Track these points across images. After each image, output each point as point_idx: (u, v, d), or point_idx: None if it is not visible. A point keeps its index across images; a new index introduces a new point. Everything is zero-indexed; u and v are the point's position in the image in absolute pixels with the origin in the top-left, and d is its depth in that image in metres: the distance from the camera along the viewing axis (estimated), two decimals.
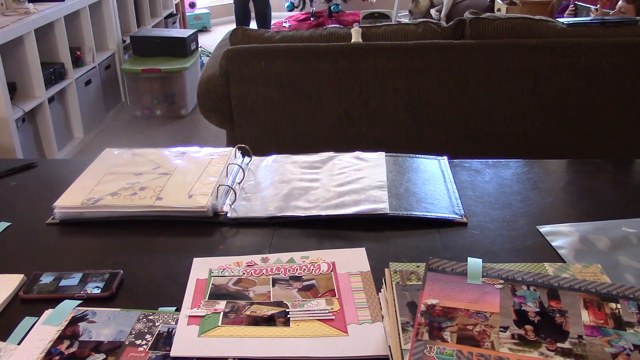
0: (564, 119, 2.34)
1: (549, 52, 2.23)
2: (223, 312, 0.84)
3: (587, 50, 2.23)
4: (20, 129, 2.98)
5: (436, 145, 2.37)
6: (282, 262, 0.96)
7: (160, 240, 1.07)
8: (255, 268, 0.95)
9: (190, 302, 0.87)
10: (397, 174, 1.22)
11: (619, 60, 2.25)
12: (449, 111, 2.32)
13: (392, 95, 2.30)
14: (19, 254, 1.02)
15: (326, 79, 2.27)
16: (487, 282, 0.79)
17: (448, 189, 1.17)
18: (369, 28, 2.38)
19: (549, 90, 2.29)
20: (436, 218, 1.07)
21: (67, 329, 0.82)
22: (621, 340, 0.70)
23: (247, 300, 0.87)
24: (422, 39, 2.31)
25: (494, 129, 2.36)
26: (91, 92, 3.74)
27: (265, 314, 0.84)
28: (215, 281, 0.92)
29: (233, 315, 0.84)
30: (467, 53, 2.25)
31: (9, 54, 2.94)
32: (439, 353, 0.68)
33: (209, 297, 0.88)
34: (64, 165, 1.47)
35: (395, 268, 0.85)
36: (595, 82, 2.27)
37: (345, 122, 2.35)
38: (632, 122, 2.35)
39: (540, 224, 1.05)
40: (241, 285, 0.91)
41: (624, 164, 1.33)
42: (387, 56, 2.25)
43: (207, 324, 0.82)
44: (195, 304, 0.86)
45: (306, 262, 0.96)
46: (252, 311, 0.84)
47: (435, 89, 2.29)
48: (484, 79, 2.28)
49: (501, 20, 2.31)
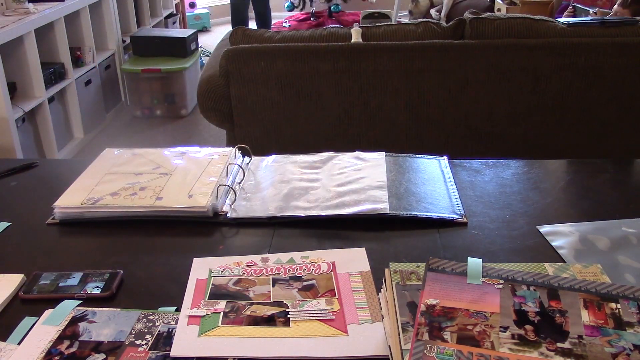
0: (564, 119, 2.34)
1: (549, 52, 2.23)
2: (223, 312, 0.84)
3: (587, 50, 2.23)
4: (20, 129, 2.98)
5: (436, 145, 2.37)
6: (282, 262, 0.96)
7: (160, 240, 1.07)
8: (255, 268, 0.95)
9: (190, 302, 0.87)
10: (397, 174, 1.22)
11: (619, 60, 2.25)
12: (448, 111, 2.32)
13: (392, 95, 2.30)
14: (19, 254, 1.02)
15: (326, 79, 2.27)
16: (487, 282, 0.79)
17: (448, 189, 1.17)
18: (369, 28, 2.38)
19: (549, 90, 2.29)
20: (436, 218, 1.07)
21: (67, 329, 0.82)
22: (621, 340, 0.70)
23: (247, 300, 0.87)
24: (422, 39, 2.31)
25: (494, 129, 2.36)
26: (91, 92, 3.74)
27: (265, 314, 0.84)
28: (215, 281, 0.92)
29: (233, 315, 0.84)
30: (467, 53, 2.25)
31: (9, 54, 2.94)
32: (439, 353, 0.68)
33: (209, 297, 0.88)
34: (64, 165, 1.47)
35: (395, 268, 0.85)
36: (595, 82, 2.27)
37: (345, 122, 2.35)
38: (632, 122, 2.35)
39: (540, 224, 1.05)
40: (241, 285, 0.91)
41: (624, 164, 1.34)
42: (387, 56, 2.25)
43: (207, 324, 0.82)
44: (195, 304, 0.86)
45: (306, 262, 0.96)
46: (252, 311, 0.84)
47: (435, 89, 2.29)
48: (484, 79, 2.27)
49: (501, 20, 2.30)
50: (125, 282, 0.93)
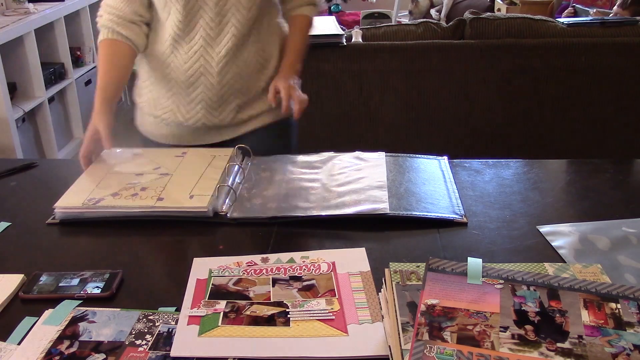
0: (564, 119, 2.34)
1: (549, 52, 2.23)
2: (223, 312, 0.84)
3: (587, 50, 2.23)
4: (20, 129, 2.98)
5: (436, 145, 2.37)
6: (282, 262, 0.96)
7: (160, 240, 1.07)
8: (256, 268, 0.95)
9: (191, 302, 0.87)
10: (397, 174, 1.22)
11: (619, 60, 2.25)
12: (449, 111, 2.33)
13: (392, 95, 2.30)
14: (19, 254, 1.02)
15: (326, 79, 2.27)
16: (487, 282, 0.79)
17: (448, 189, 1.17)
18: (369, 28, 2.38)
19: (549, 90, 2.29)
20: (436, 218, 1.07)
21: (67, 329, 0.82)
22: (621, 340, 0.70)
23: (247, 301, 0.87)
24: (422, 39, 2.31)
25: (494, 129, 2.36)
26: (91, 92, 3.72)
27: (265, 314, 0.84)
28: (215, 281, 0.92)
29: (233, 315, 0.84)
30: (467, 53, 2.25)
31: (9, 54, 2.94)
32: (439, 353, 0.68)
33: (209, 297, 0.88)
34: (64, 165, 1.47)
35: (395, 268, 0.85)
36: (595, 82, 2.28)
37: (345, 122, 2.35)
38: (632, 122, 2.35)
39: (540, 224, 1.05)
40: (241, 285, 0.91)
41: (624, 164, 1.34)
42: (387, 56, 2.25)
43: (207, 323, 0.82)
44: (195, 304, 0.86)
45: (306, 262, 0.96)
46: (251, 311, 0.84)
47: (435, 89, 2.29)
48: (484, 79, 2.28)
49: (501, 20, 2.31)
50: (125, 282, 0.93)
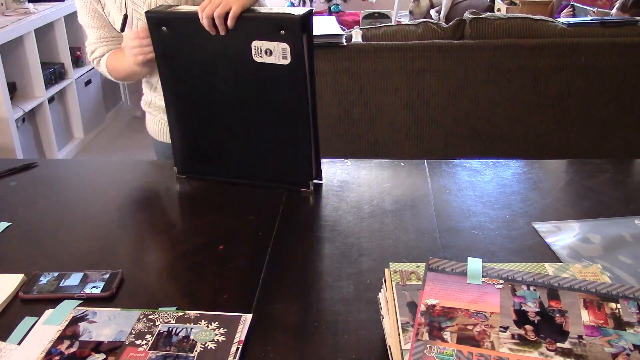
0: (564, 119, 2.34)
1: (549, 52, 2.23)
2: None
3: (587, 50, 2.23)
4: (20, 129, 2.98)
5: (436, 145, 2.37)
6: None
7: (160, 240, 1.07)
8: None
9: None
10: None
11: (619, 60, 2.25)
12: (449, 111, 2.33)
13: (392, 95, 2.30)
14: (19, 254, 1.02)
15: (326, 79, 2.27)
16: (487, 282, 0.79)
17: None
18: (369, 28, 2.38)
19: (548, 90, 2.29)
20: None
21: (67, 329, 0.82)
22: (621, 340, 0.70)
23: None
24: (422, 39, 2.31)
25: (494, 129, 2.36)
26: (91, 92, 3.74)
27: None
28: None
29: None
30: (467, 53, 2.25)
31: (9, 54, 2.94)
32: (439, 353, 0.68)
33: None
34: (64, 165, 1.47)
35: (395, 268, 0.85)
36: (595, 82, 2.28)
37: (345, 122, 2.35)
38: (632, 122, 2.35)
39: (540, 224, 1.05)
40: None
41: (624, 164, 1.34)
42: (387, 56, 2.25)
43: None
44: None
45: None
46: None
47: (435, 89, 2.29)
48: (484, 79, 2.28)
49: (501, 20, 2.31)
50: (125, 282, 0.93)
